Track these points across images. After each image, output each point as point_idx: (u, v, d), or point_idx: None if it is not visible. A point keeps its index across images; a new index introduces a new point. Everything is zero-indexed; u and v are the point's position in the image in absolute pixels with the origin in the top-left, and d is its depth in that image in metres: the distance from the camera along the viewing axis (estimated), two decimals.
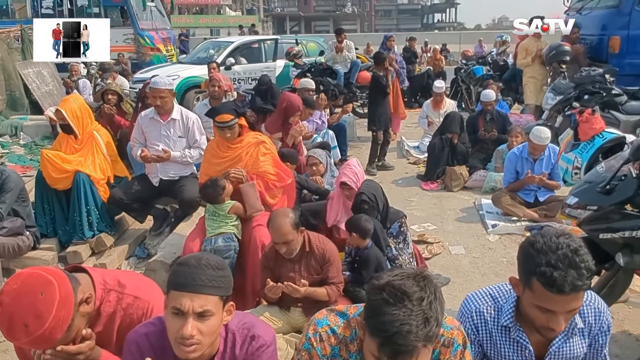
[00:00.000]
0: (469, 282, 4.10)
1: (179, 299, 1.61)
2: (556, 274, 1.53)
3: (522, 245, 1.69)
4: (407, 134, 9.05)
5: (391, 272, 1.47)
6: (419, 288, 1.42)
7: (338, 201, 4.09)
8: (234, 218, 3.71)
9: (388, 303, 1.39)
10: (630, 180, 2.90)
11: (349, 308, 1.76)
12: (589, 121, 4.22)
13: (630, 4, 7.53)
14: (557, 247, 1.57)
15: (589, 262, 1.58)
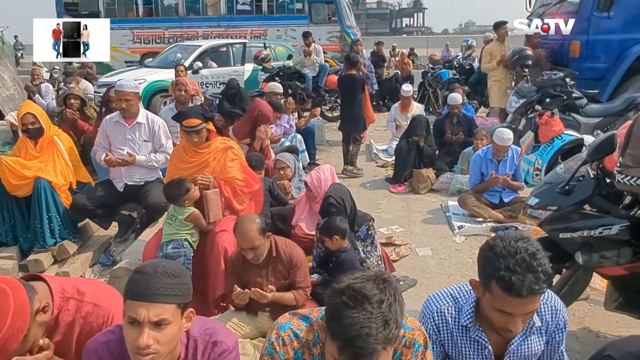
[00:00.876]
0: (435, 284, 4.14)
1: (135, 309, 1.59)
2: (514, 278, 1.58)
3: (482, 248, 1.73)
4: (376, 138, 9.12)
5: (352, 275, 1.48)
6: (379, 291, 1.43)
7: (305, 204, 4.13)
8: (190, 226, 3.63)
9: (348, 306, 1.40)
10: (587, 181, 2.98)
11: (312, 311, 1.76)
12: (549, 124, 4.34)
13: (589, 10, 7.74)
14: (515, 252, 1.62)
15: (546, 266, 1.63)
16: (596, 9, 7.67)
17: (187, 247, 3.57)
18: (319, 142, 8.60)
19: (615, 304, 3.16)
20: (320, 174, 4.09)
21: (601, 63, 7.86)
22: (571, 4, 8.22)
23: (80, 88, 7.28)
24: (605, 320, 3.52)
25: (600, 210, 2.95)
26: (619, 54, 7.77)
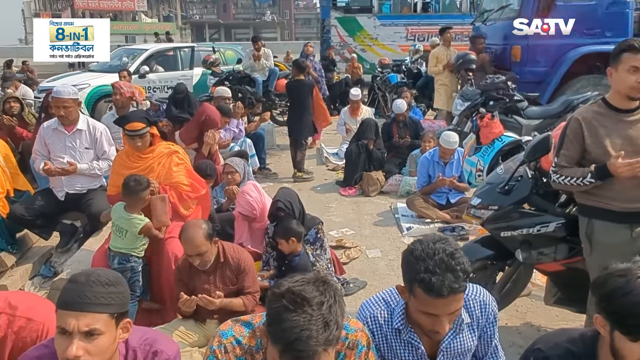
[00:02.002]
0: (385, 285, 4.18)
1: (64, 319, 1.54)
2: (434, 279, 1.61)
3: (403, 253, 1.77)
4: (326, 141, 9.16)
5: (291, 279, 1.48)
6: (319, 293, 1.43)
7: (243, 223, 4.11)
8: (144, 240, 3.49)
9: (288, 310, 1.40)
10: (525, 181, 3.08)
11: (254, 317, 1.75)
12: (489, 126, 4.48)
13: (528, 16, 8.03)
14: (434, 253, 1.66)
15: (465, 265, 1.68)
16: (535, 14, 7.96)
17: (135, 261, 3.46)
18: (269, 146, 8.57)
19: (554, 298, 3.28)
20: (247, 197, 4.08)
21: (541, 67, 8.16)
22: (512, 10, 8.50)
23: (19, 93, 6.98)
24: (546, 315, 3.64)
25: (538, 208, 3.06)
26: (557, 58, 8.08)
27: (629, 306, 1.51)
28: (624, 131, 2.55)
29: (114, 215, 3.52)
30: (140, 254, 3.48)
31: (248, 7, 68.94)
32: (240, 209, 4.09)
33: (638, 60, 2.44)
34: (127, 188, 3.44)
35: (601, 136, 2.57)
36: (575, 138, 2.64)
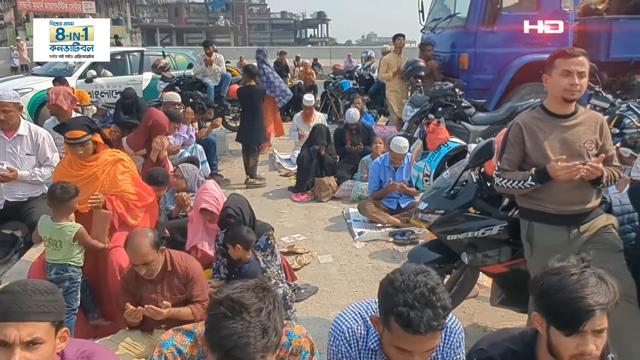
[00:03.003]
0: (336, 290, 4.21)
1: (3, 330, 1.48)
2: (413, 314, 1.54)
3: (382, 282, 1.69)
4: (279, 147, 9.15)
5: (231, 286, 1.47)
6: (258, 299, 1.42)
7: (198, 223, 4.04)
8: (80, 248, 3.36)
9: (226, 317, 1.38)
10: (470, 185, 3.16)
11: (196, 326, 1.72)
12: (435, 132, 4.59)
13: (475, 25, 8.28)
14: (415, 286, 1.58)
15: (445, 300, 1.60)
16: (481, 24, 8.21)
17: (74, 271, 3.34)
18: (221, 152, 8.49)
19: (499, 299, 3.37)
20: (211, 192, 4.04)
21: (487, 74, 8.43)
22: (460, 19, 8.74)
23: None
24: (492, 316, 3.74)
25: (482, 212, 3.14)
26: (502, 66, 8.37)
27: (562, 303, 1.57)
28: (561, 135, 2.65)
29: (42, 231, 3.35)
30: (79, 263, 3.36)
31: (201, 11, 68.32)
32: (205, 205, 3.99)
33: (570, 64, 2.56)
34: (54, 196, 3.30)
35: (540, 141, 2.66)
36: (517, 143, 2.73)
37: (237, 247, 3.50)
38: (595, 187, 2.68)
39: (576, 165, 2.47)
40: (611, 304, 1.57)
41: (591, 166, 2.51)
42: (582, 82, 2.59)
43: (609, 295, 1.57)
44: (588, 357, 1.56)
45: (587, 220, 2.69)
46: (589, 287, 1.56)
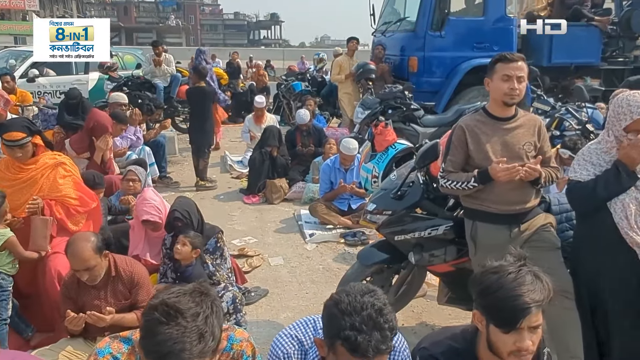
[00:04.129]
0: (287, 292, 4.19)
1: None
2: (360, 338, 1.49)
3: (326, 303, 1.63)
4: (231, 149, 9.06)
5: (168, 290, 1.43)
6: (195, 304, 1.40)
7: (139, 233, 3.95)
8: (5, 255, 3.20)
9: (161, 322, 1.35)
10: (417, 186, 3.21)
11: (134, 332, 1.68)
12: (383, 133, 4.65)
13: (423, 29, 8.43)
14: (361, 308, 1.53)
15: (393, 322, 1.56)
16: (430, 28, 8.37)
17: (3, 278, 3.18)
18: (171, 154, 8.34)
19: (446, 298, 3.44)
20: (151, 202, 3.94)
21: (436, 78, 8.59)
22: (409, 23, 8.89)
23: None
24: (440, 314, 3.81)
25: (429, 212, 3.21)
26: (451, 69, 8.55)
27: (500, 301, 1.61)
28: (502, 138, 2.74)
29: None
30: (11, 271, 3.21)
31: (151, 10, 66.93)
32: (147, 216, 3.90)
33: (509, 69, 2.65)
34: None
35: (482, 143, 2.74)
36: (460, 145, 2.79)
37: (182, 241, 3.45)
38: (534, 188, 2.78)
39: (515, 167, 2.55)
40: (546, 301, 1.62)
41: (530, 167, 2.60)
42: (521, 86, 2.68)
43: (543, 293, 1.62)
44: (525, 352, 1.61)
45: (527, 220, 2.78)
46: (525, 285, 1.61)
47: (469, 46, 8.49)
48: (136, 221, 4.06)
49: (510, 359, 1.63)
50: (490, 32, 8.47)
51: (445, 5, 8.24)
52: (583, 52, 9.11)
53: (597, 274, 2.53)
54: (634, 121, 2.39)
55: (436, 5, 8.26)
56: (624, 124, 2.42)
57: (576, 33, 9.05)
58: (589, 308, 2.56)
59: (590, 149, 2.62)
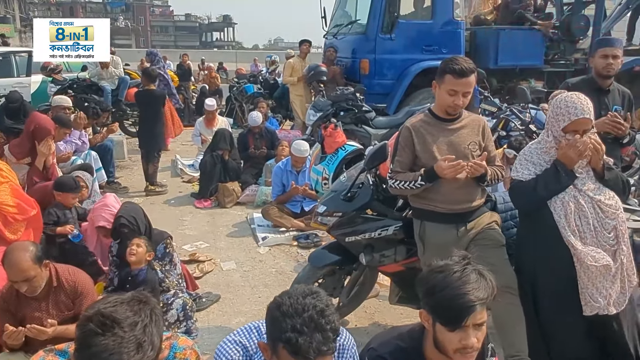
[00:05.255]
0: (239, 297, 4.14)
1: None
2: (301, 340, 1.47)
3: (269, 307, 1.60)
4: (182, 152, 8.90)
5: (104, 300, 1.38)
6: (133, 313, 1.35)
7: (92, 238, 3.84)
8: None
9: (96, 333, 1.30)
10: (366, 188, 3.23)
11: (70, 345, 1.61)
12: (332, 135, 4.67)
13: (374, 32, 8.51)
14: (303, 310, 1.51)
15: (335, 323, 1.55)
16: (380, 31, 8.46)
17: None
18: (120, 158, 8.13)
19: (397, 298, 3.47)
20: (112, 209, 3.84)
21: (387, 80, 8.69)
22: (360, 26, 8.97)
23: None
24: (392, 314, 3.84)
25: (379, 213, 3.23)
26: (401, 71, 8.67)
27: (446, 300, 1.63)
28: (447, 138, 2.79)
29: None
30: None
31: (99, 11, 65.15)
32: (103, 222, 3.78)
33: (457, 85, 2.68)
34: None
35: (429, 143, 2.78)
36: (407, 145, 2.83)
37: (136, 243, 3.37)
38: (479, 186, 2.84)
39: (460, 164, 2.60)
40: (490, 298, 1.65)
41: (475, 163, 2.65)
42: (466, 99, 2.74)
43: (487, 290, 1.64)
44: (470, 349, 1.63)
45: (473, 218, 2.84)
46: (470, 284, 1.63)
47: (419, 49, 8.63)
48: (90, 225, 3.95)
49: (456, 356, 1.66)
50: (439, 35, 8.63)
51: (394, 8, 8.34)
52: (527, 55, 9.43)
53: (538, 270, 2.60)
54: (572, 122, 2.47)
55: (386, 9, 8.35)
56: (562, 125, 2.50)
57: (520, 36, 9.36)
58: (532, 304, 2.63)
59: (531, 149, 2.69)
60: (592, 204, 2.49)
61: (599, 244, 2.46)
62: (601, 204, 2.49)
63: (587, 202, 2.49)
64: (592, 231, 2.47)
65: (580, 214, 2.48)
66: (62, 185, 4.21)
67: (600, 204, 2.49)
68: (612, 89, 3.74)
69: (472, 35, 9.53)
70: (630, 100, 3.83)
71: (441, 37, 8.64)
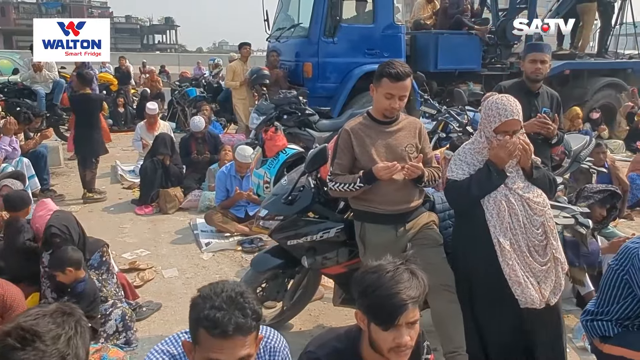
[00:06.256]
0: (181, 305, 4.05)
1: None
2: (219, 315, 1.45)
3: (192, 299, 1.56)
4: (122, 158, 8.65)
5: (26, 313, 1.32)
6: (56, 325, 1.30)
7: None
8: None
9: (15, 348, 1.24)
10: (307, 191, 3.23)
11: None
12: (273, 139, 4.65)
13: (317, 35, 8.55)
14: (222, 291, 1.51)
15: (255, 305, 1.53)
16: (323, 34, 8.51)
17: None
18: (55, 165, 7.83)
19: (340, 299, 3.49)
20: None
21: (331, 83, 8.74)
22: (303, 29, 8.98)
23: None
24: (336, 316, 3.85)
25: (320, 216, 3.24)
26: (344, 75, 8.74)
27: (379, 300, 1.65)
28: (385, 141, 2.83)
29: None
30: None
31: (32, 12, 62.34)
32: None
33: (394, 88, 2.73)
34: None
35: (367, 145, 2.82)
36: (346, 148, 2.86)
37: (67, 270, 3.23)
38: (417, 187, 2.90)
39: (395, 165, 2.65)
40: (422, 297, 1.68)
41: (412, 165, 2.71)
42: (402, 103, 2.79)
43: (419, 289, 1.67)
44: (404, 348, 1.66)
45: (412, 219, 2.90)
46: (402, 283, 1.65)
47: (361, 52, 8.72)
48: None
49: (391, 355, 1.68)
50: (380, 39, 8.77)
51: (336, 12, 8.40)
52: (465, 59, 9.71)
53: (472, 268, 2.68)
54: (502, 123, 2.56)
55: (328, 12, 8.39)
56: (493, 126, 2.59)
57: (459, 41, 9.64)
58: (468, 300, 2.70)
59: (465, 150, 2.77)
60: (522, 202, 2.59)
61: (529, 240, 2.57)
62: (530, 201, 2.60)
63: (517, 200, 2.59)
64: (522, 228, 2.56)
65: (511, 211, 2.58)
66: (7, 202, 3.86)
67: (529, 202, 2.60)
68: (542, 92, 3.91)
69: (412, 39, 9.72)
70: (559, 102, 4.01)
71: (382, 41, 8.77)
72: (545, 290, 2.57)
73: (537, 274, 2.56)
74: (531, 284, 2.56)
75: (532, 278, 2.57)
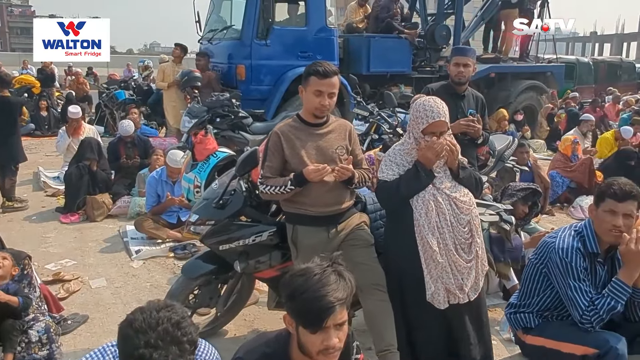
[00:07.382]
0: (110, 316, 3.89)
1: None
2: (156, 355, 1.39)
3: (120, 326, 1.48)
4: (46, 164, 8.22)
5: None
6: None
7: None
8: None
9: None
10: (239, 194, 3.19)
11: None
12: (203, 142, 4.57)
13: (249, 37, 8.46)
14: (157, 323, 1.43)
15: (193, 334, 1.47)
16: (256, 36, 8.44)
17: None
18: None
19: (275, 303, 3.46)
20: None
21: (264, 85, 8.69)
22: (235, 31, 8.87)
23: None
24: (272, 320, 3.81)
25: (252, 219, 3.20)
26: (278, 77, 8.71)
27: (306, 303, 1.64)
28: (315, 143, 2.84)
29: None
30: None
31: None
32: None
33: (322, 85, 2.74)
34: None
35: (297, 147, 2.81)
36: (276, 150, 2.84)
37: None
38: (348, 189, 2.92)
39: (325, 167, 2.67)
40: (349, 298, 1.69)
41: (342, 167, 2.73)
42: (332, 101, 2.81)
43: (347, 290, 1.68)
44: (332, 349, 1.66)
45: (343, 220, 2.92)
46: (329, 285, 1.65)
47: (294, 55, 8.73)
48: None
49: (319, 357, 1.67)
50: (313, 41, 8.81)
51: (269, 14, 8.35)
52: (396, 62, 9.93)
53: (402, 267, 2.73)
54: (429, 124, 2.62)
55: (260, 14, 8.33)
56: (421, 127, 2.65)
57: (389, 44, 9.84)
58: (399, 300, 2.75)
59: (395, 150, 2.82)
60: (449, 201, 2.67)
61: (456, 238, 2.64)
62: (457, 200, 2.67)
63: (444, 200, 2.66)
64: (449, 226, 2.64)
65: (439, 211, 2.64)
66: None
67: (456, 201, 2.67)
68: (467, 94, 4.05)
69: (345, 42, 9.82)
70: (483, 104, 4.18)
71: (315, 44, 8.81)
72: (466, 286, 2.65)
73: (462, 270, 2.64)
74: (443, 284, 2.62)
75: (452, 277, 2.63)
